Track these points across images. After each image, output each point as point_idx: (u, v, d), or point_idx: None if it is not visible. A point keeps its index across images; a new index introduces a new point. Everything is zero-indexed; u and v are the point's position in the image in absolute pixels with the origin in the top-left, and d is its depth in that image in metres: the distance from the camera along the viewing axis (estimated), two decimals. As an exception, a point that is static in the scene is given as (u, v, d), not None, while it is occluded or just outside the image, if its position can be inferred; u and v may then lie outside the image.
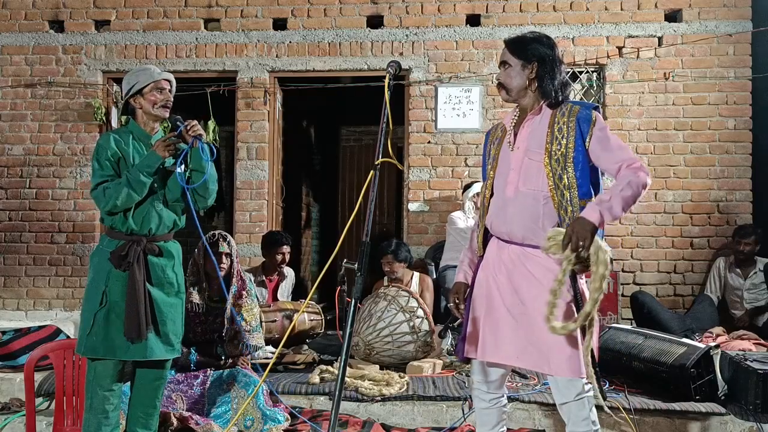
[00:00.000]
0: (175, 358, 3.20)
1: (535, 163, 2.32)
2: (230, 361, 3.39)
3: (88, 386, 2.59)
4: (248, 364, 3.48)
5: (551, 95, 2.36)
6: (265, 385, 3.26)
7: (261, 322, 3.78)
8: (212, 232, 3.46)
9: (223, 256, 3.39)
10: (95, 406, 2.56)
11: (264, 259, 4.98)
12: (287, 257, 4.89)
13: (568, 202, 2.24)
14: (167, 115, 2.71)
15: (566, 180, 2.25)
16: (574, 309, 2.20)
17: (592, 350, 2.18)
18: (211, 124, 5.65)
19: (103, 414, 2.56)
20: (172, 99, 2.72)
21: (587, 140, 2.27)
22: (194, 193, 2.72)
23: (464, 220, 5.02)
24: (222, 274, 3.33)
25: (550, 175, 2.27)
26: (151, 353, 2.57)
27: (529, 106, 2.40)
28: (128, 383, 2.81)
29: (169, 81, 2.71)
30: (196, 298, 3.37)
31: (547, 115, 2.35)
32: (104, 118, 5.68)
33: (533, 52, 2.37)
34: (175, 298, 2.70)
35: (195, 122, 2.69)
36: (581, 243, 2.09)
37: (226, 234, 3.48)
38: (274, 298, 4.91)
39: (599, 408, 2.33)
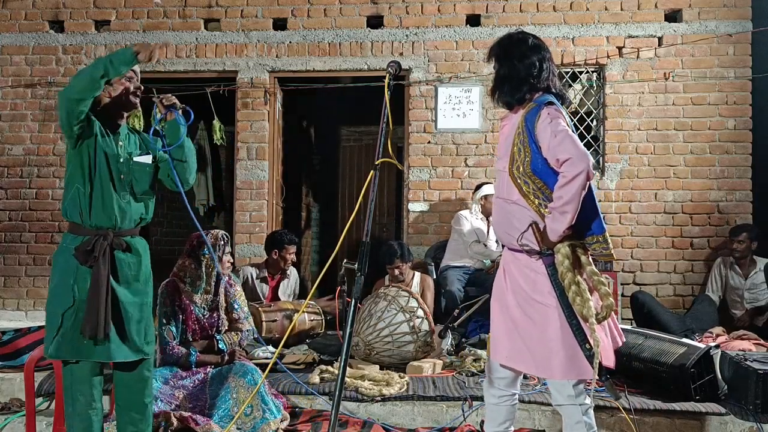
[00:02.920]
0: (175, 359, 3.24)
1: (502, 172, 2.36)
2: (227, 358, 3.38)
3: (66, 392, 2.47)
4: (245, 359, 3.49)
5: (504, 98, 2.39)
6: (266, 382, 3.26)
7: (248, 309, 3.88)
8: (216, 232, 3.48)
9: (230, 255, 3.55)
10: (79, 411, 2.45)
11: (267, 258, 4.99)
12: (293, 258, 4.90)
13: (546, 199, 2.25)
14: (137, 101, 2.59)
15: (533, 184, 2.26)
16: (562, 309, 2.22)
17: (597, 355, 2.18)
18: (216, 123, 5.67)
19: (86, 420, 2.46)
20: (141, 87, 2.61)
21: (535, 137, 2.26)
22: (175, 165, 2.63)
23: (470, 220, 5.03)
24: (229, 271, 3.51)
25: (517, 182, 2.29)
26: (115, 355, 2.44)
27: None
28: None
29: (134, 70, 2.57)
30: (199, 300, 3.37)
31: (517, 118, 2.36)
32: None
33: (494, 55, 2.42)
34: (142, 297, 2.56)
35: (169, 94, 2.63)
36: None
37: (225, 233, 3.54)
38: (275, 297, 4.90)
39: (600, 408, 2.33)
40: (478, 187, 5.15)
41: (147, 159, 2.61)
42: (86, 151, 2.47)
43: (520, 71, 2.34)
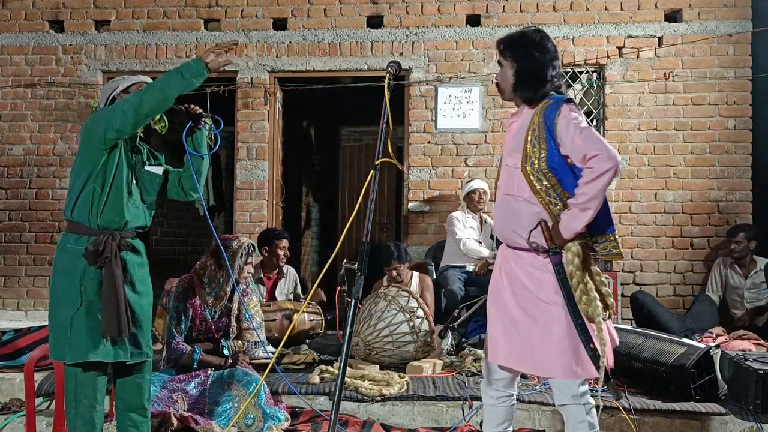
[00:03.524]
0: (178, 354, 3.24)
1: (512, 168, 2.32)
2: (230, 361, 3.39)
3: (69, 394, 2.44)
4: (248, 364, 3.49)
5: (527, 93, 2.34)
6: (266, 385, 3.26)
7: (262, 319, 3.87)
8: (243, 240, 3.52)
9: (251, 266, 3.57)
10: (82, 414, 2.44)
11: (262, 257, 4.98)
12: (287, 252, 4.88)
13: (557, 199, 2.23)
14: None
15: (546, 182, 2.23)
16: (568, 308, 2.20)
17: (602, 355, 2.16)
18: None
19: (90, 423, 2.45)
20: None
21: (554, 133, 2.23)
22: (192, 166, 2.72)
23: (462, 220, 5.02)
24: (248, 281, 3.57)
25: (529, 178, 2.25)
26: (131, 355, 2.48)
27: (518, 105, 2.41)
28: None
29: (146, 82, 2.65)
30: (211, 302, 3.38)
31: (529, 114, 2.33)
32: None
33: (514, 49, 2.37)
34: (145, 297, 2.59)
35: (193, 105, 2.71)
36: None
37: (252, 243, 3.60)
38: (272, 297, 4.90)
39: (601, 408, 2.32)
40: (463, 185, 5.17)
41: (158, 170, 2.69)
42: (112, 156, 2.50)
43: (546, 68, 2.32)
